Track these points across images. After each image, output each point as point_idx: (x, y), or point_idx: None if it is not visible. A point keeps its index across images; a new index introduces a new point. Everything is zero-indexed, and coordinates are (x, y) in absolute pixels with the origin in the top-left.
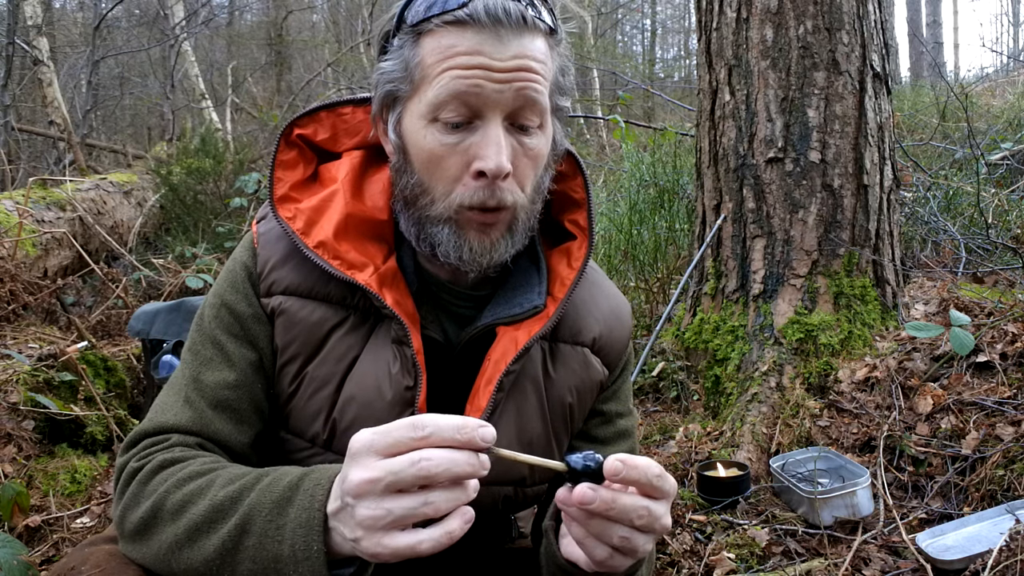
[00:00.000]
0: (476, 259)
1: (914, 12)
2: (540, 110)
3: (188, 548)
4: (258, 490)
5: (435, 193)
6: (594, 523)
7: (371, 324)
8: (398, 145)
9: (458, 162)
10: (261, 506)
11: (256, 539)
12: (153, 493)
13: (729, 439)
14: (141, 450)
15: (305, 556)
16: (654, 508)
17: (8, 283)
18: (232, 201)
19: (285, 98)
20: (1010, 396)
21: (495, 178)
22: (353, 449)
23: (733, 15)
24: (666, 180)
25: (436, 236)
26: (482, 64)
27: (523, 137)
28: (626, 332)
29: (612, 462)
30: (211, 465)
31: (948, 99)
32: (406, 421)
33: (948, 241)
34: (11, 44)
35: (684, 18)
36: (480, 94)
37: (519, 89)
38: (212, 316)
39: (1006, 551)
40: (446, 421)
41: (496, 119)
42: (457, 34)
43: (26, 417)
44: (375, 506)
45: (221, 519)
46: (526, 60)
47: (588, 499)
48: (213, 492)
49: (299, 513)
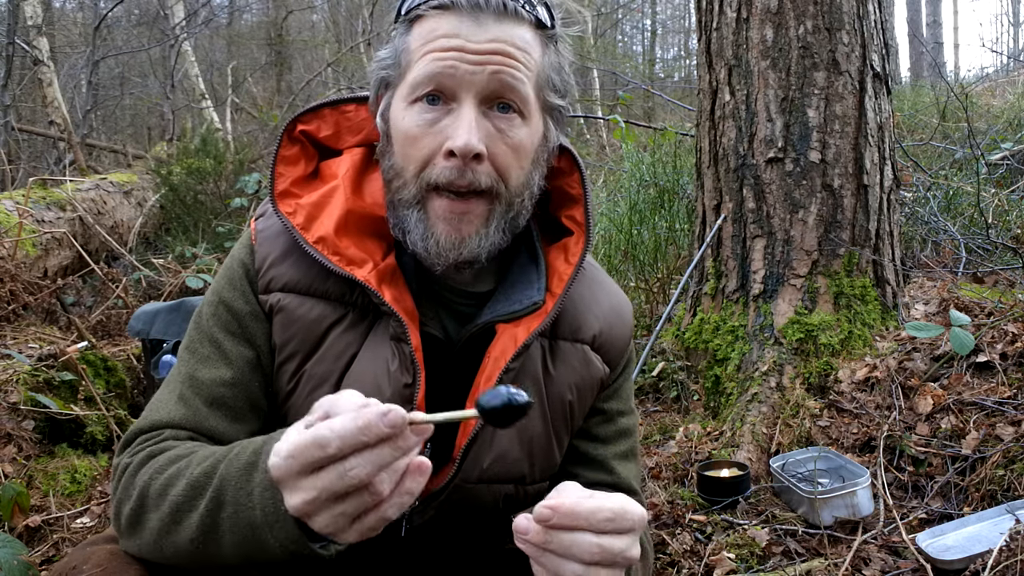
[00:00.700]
0: (443, 252)
1: (914, 12)
2: (520, 97)
3: (174, 531)
4: (227, 460)
5: (407, 175)
6: (546, 559)
7: (370, 321)
8: (383, 129)
9: (431, 143)
10: (230, 476)
11: (231, 509)
12: (140, 484)
13: (729, 439)
14: (136, 447)
15: (275, 519)
16: (608, 544)
17: (8, 283)
18: (232, 201)
19: (285, 98)
20: (1010, 396)
21: (464, 157)
22: (275, 477)
23: (733, 15)
24: (666, 180)
25: (405, 221)
26: (458, 46)
27: (501, 124)
28: (627, 330)
29: (540, 510)
30: (191, 448)
31: (948, 99)
32: (310, 439)
33: (948, 241)
34: (11, 44)
35: (684, 18)
36: (454, 75)
37: (493, 72)
38: (210, 314)
39: (1006, 551)
40: (347, 428)
41: (470, 100)
42: (439, 18)
43: (26, 417)
44: (328, 515)
45: (199, 495)
46: (503, 44)
47: (521, 529)
48: (190, 471)
49: (263, 476)
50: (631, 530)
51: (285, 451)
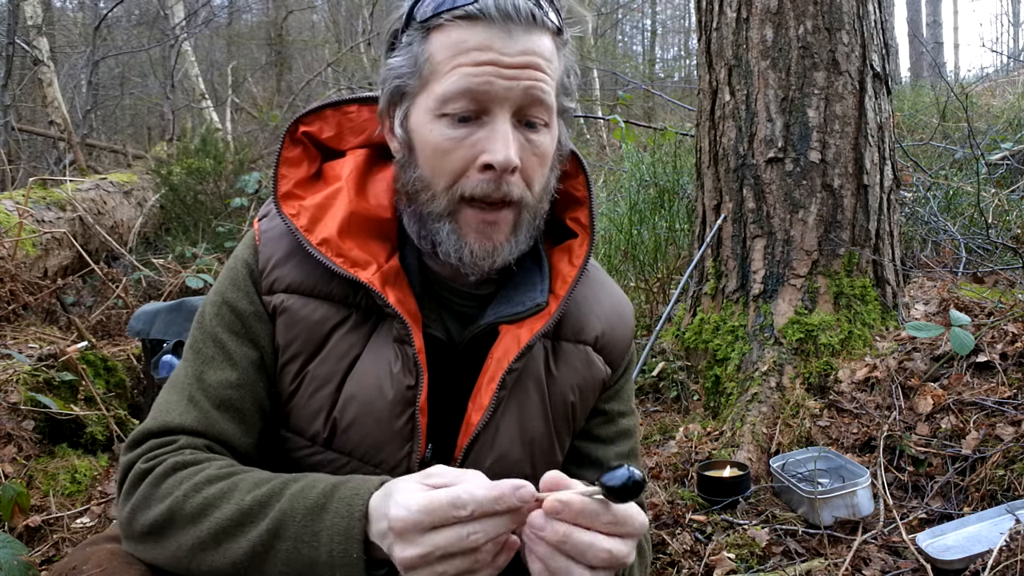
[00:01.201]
0: (477, 262)
1: (914, 12)
2: (547, 108)
3: (213, 550)
4: (289, 496)
5: (437, 188)
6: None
7: (373, 323)
8: (404, 140)
9: (464, 156)
10: (294, 511)
11: (291, 543)
12: (167, 496)
13: (729, 439)
14: (148, 451)
15: (344, 562)
16: (616, 549)
17: (8, 283)
18: (232, 201)
19: (285, 98)
20: (1010, 396)
21: (503, 171)
22: (396, 528)
23: (733, 15)
24: (666, 180)
25: (437, 233)
26: (492, 60)
27: (530, 134)
28: (628, 331)
29: (551, 502)
30: (229, 470)
31: (948, 99)
32: (446, 498)
33: (948, 241)
34: (11, 44)
35: (684, 18)
36: (490, 90)
37: (527, 87)
38: (213, 314)
39: (1006, 551)
40: (484, 495)
41: (504, 114)
42: (467, 29)
43: (26, 417)
44: (429, 571)
45: (250, 523)
46: (534, 57)
47: (538, 526)
48: (238, 497)
49: (336, 521)
50: (634, 535)
51: (416, 506)
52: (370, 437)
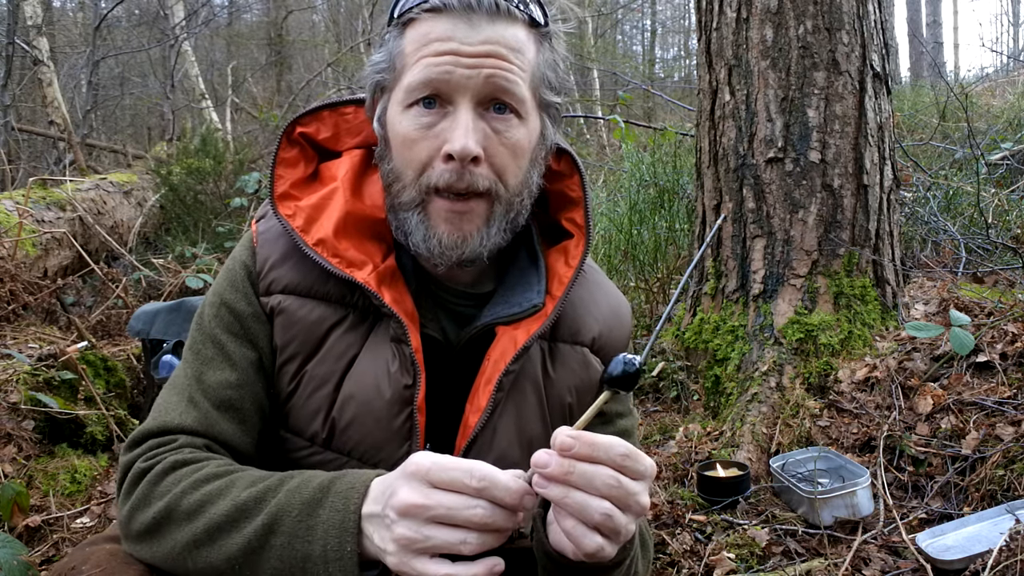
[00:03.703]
0: (445, 251)
1: (914, 12)
2: (516, 98)
3: (208, 547)
4: (285, 491)
5: (407, 179)
6: (571, 498)
7: (370, 323)
8: (381, 134)
9: (429, 146)
10: (290, 506)
11: (285, 538)
12: (166, 494)
13: (729, 439)
14: (147, 450)
15: (337, 556)
16: (625, 482)
17: (8, 283)
18: (232, 201)
19: (285, 98)
20: (1010, 396)
21: (462, 160)
22: (409, 469)
23: (733, 15)
24: (666, 180)
25: (407, 223)
26: (452, 49)
27: (498, 125)
28: (626, 332)
29: (563, 438)
30: (227, 468)
31: (948, 99)
32: (465, 465)
33: (948, 241)
34: (11, 44)
35: (684, 18)
36: (450, 80)
37: (488, 75)
38: (212, 315)
39: (1006, 551)
40: (502, 479)
41: (465, 103)
42: (432, 21)
43: (26, 417)
44: (415, 530)
45: (245, 519)
46: (496, 46)
47: (542, 462)
48: (235, 493)
49: (331, 515)
50: (644, 475)
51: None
52: (369, 437)
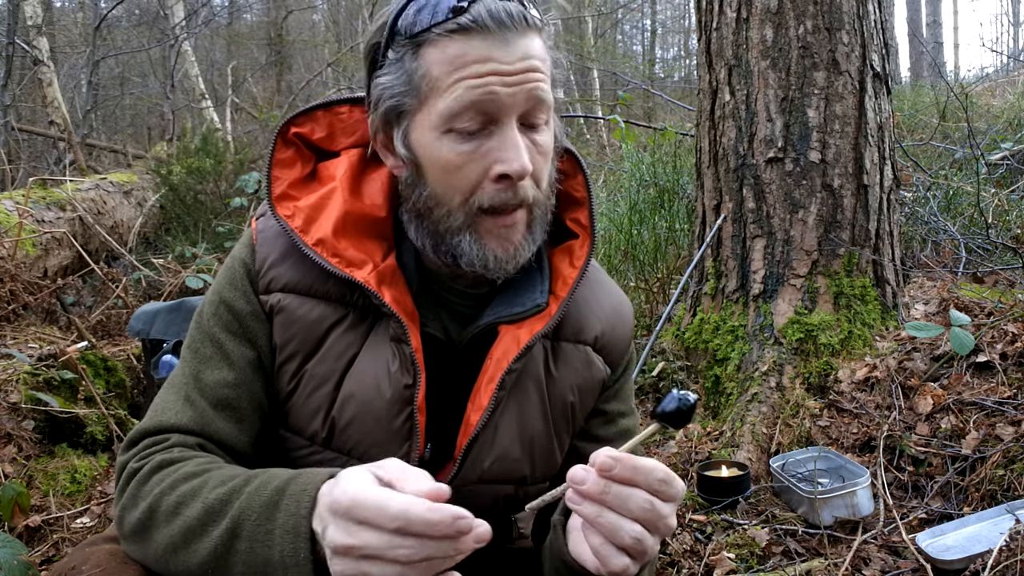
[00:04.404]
0: (502, 266)
1: (914, 12)
2: (547, 107)
3: (184, 550)
4: (247, 493)
5: (452, 204)
6: (604, 518)
7: (370, 322)
8: (409, 158)
9: (476, 168)
10: (250, 509)
11: (247, 543)
12: (149, 494)
13: (729, 439)
14: (141, 450)
15: (294, 562)
16: (658, 505)
17: (8, 283)
18: (232, 201)
19: (285, 98)
20: (1010, 396)
21: (520, 179)
22: (335, 505)
23: (733, 15)
24: (666, 180)
25: (458, 247)
26: (494, 71)
27: (534, 135)
28: (628, 331)
29: (603, 458)
30: (205, 466)
31: (948, 99)
32: (381, 502)
33: (948, 241)
34: (11, 44)
35: (684, 18)
36: (496, 100)
37: (530, 91)
38: (211, 314)
39: (1006, 551)
40: (418, 513)
41: (511, 122)
42: (463, 42)
43: (26, 417)
44: (352, 566)
45: (212, 521)
46: (532, 60)
47: (578, 479)
48: (205, 494)
49: (286, 519)
50: (675, 498)
51: (353, 493)
52: (369, 436)
